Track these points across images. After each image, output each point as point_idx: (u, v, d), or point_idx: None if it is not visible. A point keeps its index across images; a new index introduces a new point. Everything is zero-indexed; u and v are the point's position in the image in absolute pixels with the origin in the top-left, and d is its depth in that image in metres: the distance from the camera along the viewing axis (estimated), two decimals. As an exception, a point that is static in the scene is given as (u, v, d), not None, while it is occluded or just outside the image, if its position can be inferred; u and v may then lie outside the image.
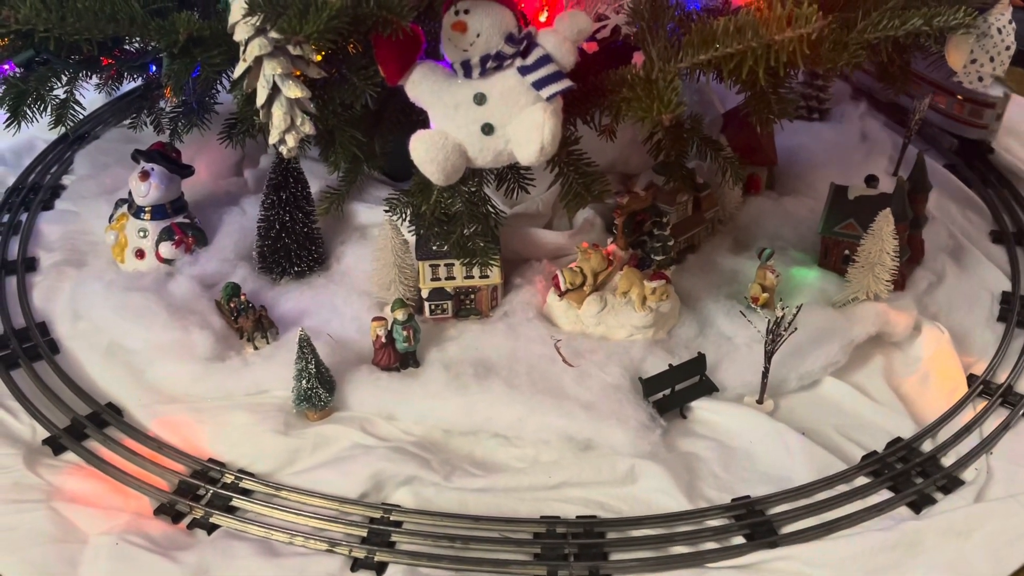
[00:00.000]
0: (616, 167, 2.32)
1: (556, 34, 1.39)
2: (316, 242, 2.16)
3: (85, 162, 2.59)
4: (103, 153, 2.61)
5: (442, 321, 2.05)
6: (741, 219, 2.35)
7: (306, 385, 1.80)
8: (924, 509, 1.65)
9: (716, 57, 1.32)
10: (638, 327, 1.97)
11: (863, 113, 2.78)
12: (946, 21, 1.37)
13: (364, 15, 1.26)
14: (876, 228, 1.98)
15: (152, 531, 1.62)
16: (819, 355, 1.91)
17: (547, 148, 1.37)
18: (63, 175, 2.58)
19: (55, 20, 1.31)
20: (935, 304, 2.10)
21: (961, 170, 2.61)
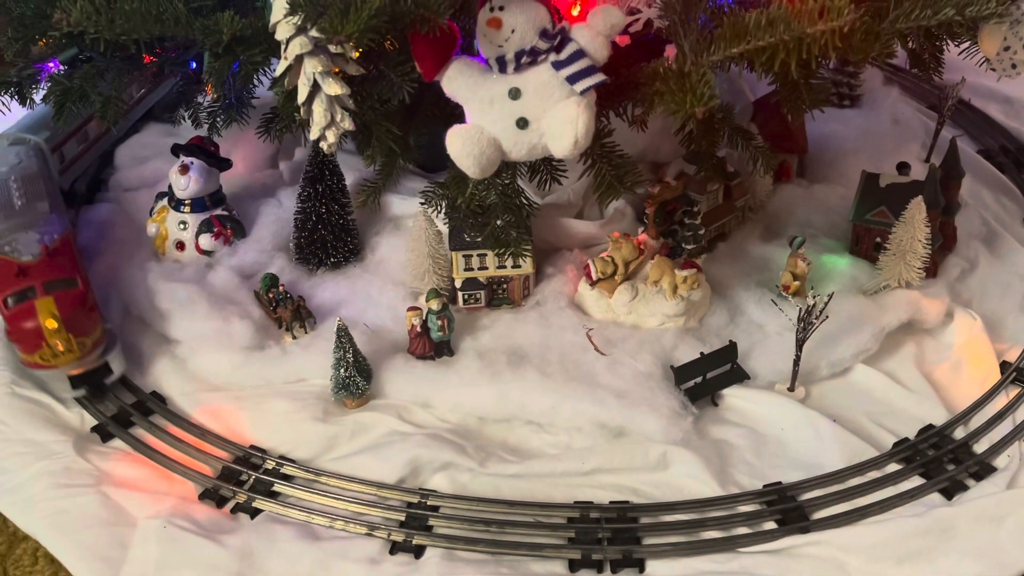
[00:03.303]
0: (647, 156, 2.34)
1: (589, 29, 1.41)
2: (352, 233, 2.20)
3: (125, 155, 2.65)
4: (144, 147, 2.66)
5: (475, 310, 2.08)
6: (772, 207, 2.36)
7: (344, 374, 1.84)
8: (956, 495, 1.67)
9: (748, 50, 1.33)
10: (669, 315, 1.99)
11: (895, 99, 2.77)
12: (979, 11, 1.37)
13: (402, 13, 1.29)
14: (908, 216, 1.98)
15: (197, 515, 1.67)
16: (850, 343, 1.93)
17: (581, 142, 1.39)
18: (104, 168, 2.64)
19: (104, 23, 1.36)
20: (967, 291, 2.10)
21: (995, 155, 2.59)
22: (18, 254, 1.88)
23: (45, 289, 1.83)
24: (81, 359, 1.84)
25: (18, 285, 1.84)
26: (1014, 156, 2.60)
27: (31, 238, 1.92)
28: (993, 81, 2.60)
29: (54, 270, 1.88)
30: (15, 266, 1.86)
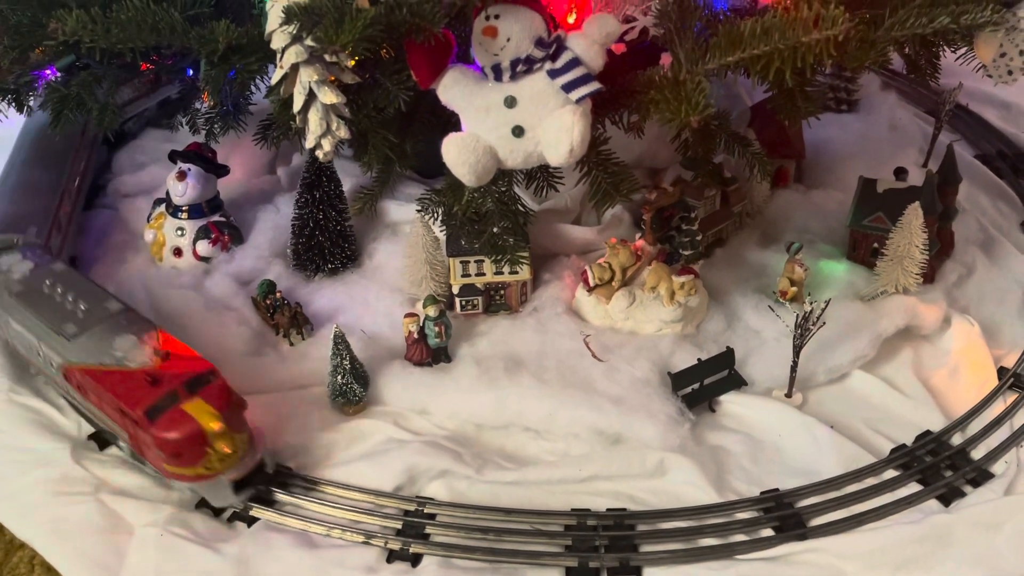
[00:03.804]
0: (644, 162, 2.34)
1: (585, 37, 1.41)
2: (349, 239, 2.20)
3: (124, 162, 2.65)
4: (141, 153, 2.67)
5: (472, 317, 2.08)
6: (769, 213, 2.36)
7: (341, 380, 1.84)
8: (953, 502, 1.66)
9: (743, 59, 1.33)
10: (666, 322, 1.99)
11: (892, 104, 2.77)
12: (974, 19, 1.37)
13: (397, 22, 1.29)
14: (905, 221, 1.98)
15: (195, 523, 1.67)
16: (848, 349, 1.92)
17: (577, 150, 1.39)
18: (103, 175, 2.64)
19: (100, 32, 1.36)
20: (965, 297, 2.10)
21: (992, 160, 2.59)
22: (130, 361, 1.64)
23: (188, 390, 1.61)
24: (243, 459, 1.66)
25: (156, 394, 1.59)
26: (1011, 161, 2.60)
27: (129, 341, 1.68)
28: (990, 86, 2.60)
29: (184, 366, 1.65)
30: (142, 375, 1.61)
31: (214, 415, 1.58)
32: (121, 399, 1.59)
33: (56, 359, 1.71)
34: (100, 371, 1.63)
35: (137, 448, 1.67)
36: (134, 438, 1.65)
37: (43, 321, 1.73)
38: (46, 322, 1.72)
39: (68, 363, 1.68)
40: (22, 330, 1.77)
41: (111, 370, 1.63)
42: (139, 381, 1.60)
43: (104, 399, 1.64)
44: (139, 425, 1.58)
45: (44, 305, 1.76)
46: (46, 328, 1.72)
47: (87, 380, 1.65)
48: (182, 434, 1.57)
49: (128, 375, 1.62)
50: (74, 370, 1.67)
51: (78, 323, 1.71)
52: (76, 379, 1.68)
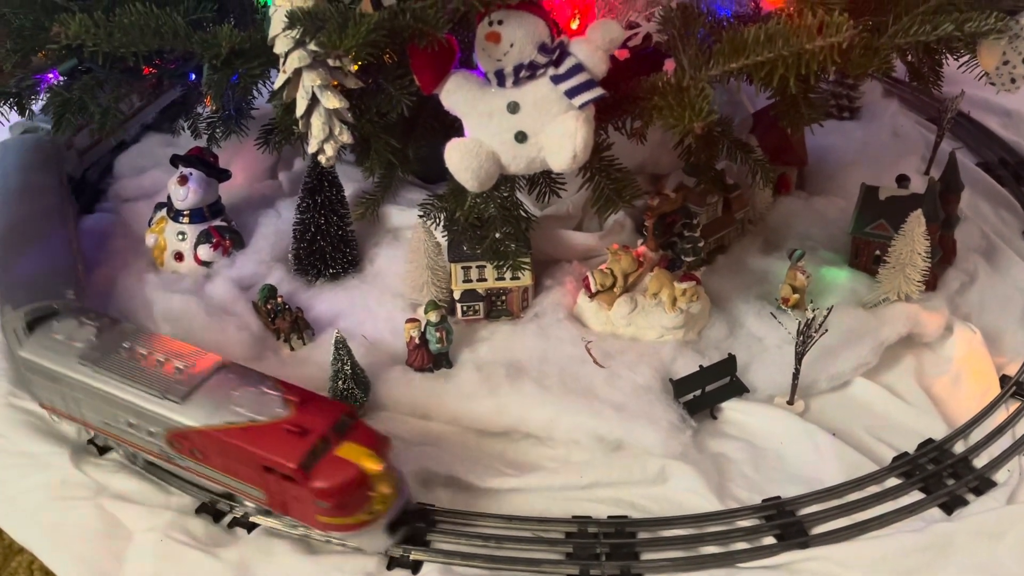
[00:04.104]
0: (646, 168, 2.34)
1: (588, 43, 1.41)
2: (350, 244, 2.20)
3: (125, 166, 2.65)
4: (143, 157, 2.66)
5: (474, 322, 2.08)
6: (771, 219, 2.35)
7: (342, 386, 1.84)
8: (956, 510, 1.66)
9: (747, 65, 1.33)
10: (668, 328, 1.99)
11: (894, 111, 2.77)
12: (978, 26, 1.37)
13: (400, 27, 1.29)
14: (907, 229, 1.98)
15: (194, 529, 1.66)
16: (850, 356, 1.92)
17: (579, 156, 1.39)
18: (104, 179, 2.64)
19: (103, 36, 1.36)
20: (967, 304, 2.10)
21: (994, 168, 2.59)
22: (261, 415, 1.53)
23: (337, 434, 1.52)
24: (399, 497, 1.58)
25: (306, 444, 1.48)
26: (1013, 169, 2.60)
27: (249, 395, 1.56)
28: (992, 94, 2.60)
29: (323, 410, 1.55)
30: (282, 427, 1.50)
31: (371, 455, 1.50)
32: (267, 456, 1.48)
33: (158, 426, 1.58)
34: (229, 430, 1.51)
35: (280, 506, 1.56)
36: (278, 495, 1.54)
37: (137, 387, 1.59)
38: (141, 388, 1.58)
39: (179, 428, 1.55)
40: (102, 403, 1.62)
41: (243, 427, 1.51)
42: (281, 434, 1.50)
43: (238, 459, 1.52)
44: (293, 480, 1.47)
45: (130, 370, 1.61)
46: (143, 394, 1.58)
47: (209, 442, 1.53)
48: (344, 481, 1.47)
49: (265, 429, 1.51)
50: (189, 434, 1.55)
51: (182, 383, 1.57)
52: (191, 443, 1.56)
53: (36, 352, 1.69)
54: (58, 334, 1.70)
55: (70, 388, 1.67)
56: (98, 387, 1.62)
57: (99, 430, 1.72)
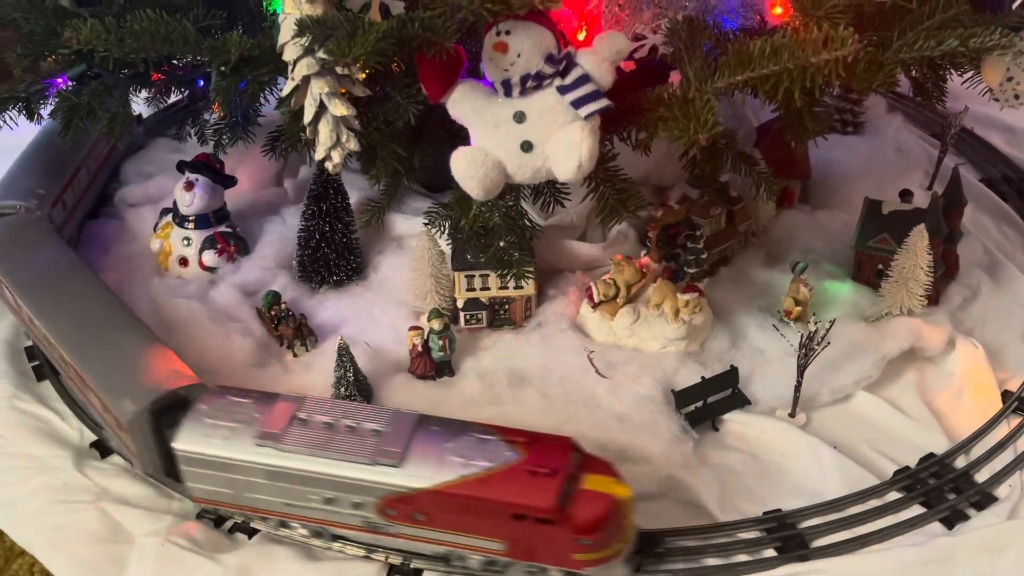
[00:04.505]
0: (650, 180, 2.34)
1: (595, 54, 1.42)
2: (355, 252, 2.21)
3: (131, 171, 2.66)
4: (149, 162, 2.68)
5: (476, 331, 2.08)
6: (774, 232, 2.36)
7: (344, 392, 1.84)
8: (957, 525, 1.66)
9: (752, 78, 1.34)
10: (671, 339, 1.99)
11: (898, 127, 2.78)
12: (982, 42, 1.38)
13: (409, 36, 1.30)
14: (910, 243, 1.98)
15: (195, 533, 1.67)
16: (852, 369, 1.92)
17: (585, 166, 1.40)
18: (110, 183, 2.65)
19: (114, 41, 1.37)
20: (969, 319, 2.10)
21: (997, 184, 2.60)
22: (500, 461, 1.45)
23: (576, 468, 1.47)
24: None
25: (555, 483, 1.42)
26: (1016, 185, 2.60)
27: (467, 443, 1.48)
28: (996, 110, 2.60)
29: (554, 446, 1.49)
30: (520, 471, 1.43)
31: (616, 482, 1.46)
32: (519, 502, 1.41)
33: (368, 496, 1.49)
34: (465, 484, 1.43)
35: (524, 553, 1.49)
36: (524, 542, 1.47)
37: (338, 458, 1.49)
38: (344, 458, 1.48)
39: (400, 492, 1.46)
40: (291, 483, 1.52)
41: (481, 478, 1.43)
42: (525, 477, 1.42)
43: (478, 512, 1.45)
44: (550, 522, 1.41)
45: (322, 441, 1.50)
46: (348, 464, 1.48)
47: (439, 502, 1.45)
48: (604, 513, 1.43)
49: (506, 476, 1.43)
50: (412, 497, 1.46)
51: (390, 445, 1.48)
52: (413, 507, 1.48)
53: (197, 442, 1.54)
54: (213, 419, 1.56)
55: (246, 473, 1.54)
56: (287, 466, 1.50)
57: (277, 514, 1.59)
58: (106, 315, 1.85)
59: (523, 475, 1.43)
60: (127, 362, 1.72)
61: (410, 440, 1.48)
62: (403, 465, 1.46)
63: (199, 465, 1.56)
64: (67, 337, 1.78)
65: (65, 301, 1.88)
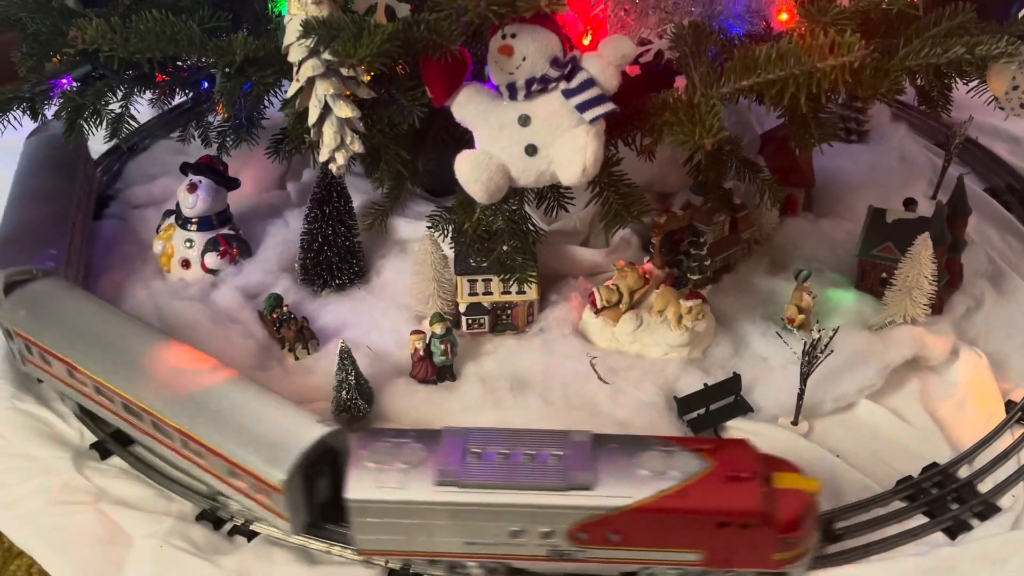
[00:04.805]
0: (654, 186, 2.34)
1: (600, 58, 1.42)
2: (357, 255, 2.20)
3: (134, 172, 2.66)
4: (153, 164, 2.68)
5: (479, 336, 2.08)
6: (778, 240, 2.35)
7: (346, 396, 1.84)
8: (960, 535, 1.65)
9: (758, 83, 1.34)
10: (673, 346, 1.98)
11: (902, 135, 2.78)
12: (988, 50, 1.38)
13: (414, 39, 1.30)
14: (914, 252, 1.97)
15: (194, 536, 1.66)
16: (855, 378, 1.91)
17: (589, 170, 1.40)
18: (113, 185, 2.65)
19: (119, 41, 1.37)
20: (973, 329, 2.09)
21: (1001, 194, 2.59)
22: (694, 471, 1.43)
23: (767, 467, 1.48)
24: None
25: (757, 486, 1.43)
26: (1021, 195, 2.59)
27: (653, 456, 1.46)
28: (1000, 120, 2.61)
29: (738, 449, 1.51)
30: (716, 478, 1.43)
31: (804, 478, 1.48)
32: (725, 509, 1.42)
33: (560, 523, 1.46)
34: (665, 498, 1.41)
35: (722, 561, 1.49)
36: (723, 550, 1.47)
37: (529, 488, 1.44)
38: (535, 487, 1.44)
39: (597, 515, 1.43)
40: (474, 521, 1.47)
41: (679, 491, 1.42)
42: (723, 484, 1.43)
43: (678, 526, 1.44)
44: (755, 526, 1.42)
45: (507, 473, 1.45)
46: (540, 493, 1.44)
47: (637, 519, 1.43)
48: (805, 509, 1.45)
49: (704, 485, 1.42)
50: (610, 518, 1.43)
51: (578, 468, 1.45)
52: (609, 527, 1.45)
53: (371, 490, 1.46)
54: (379, 463, 1.49)
55: (425, 516, 1.48)
56: (473, 502, 1.45)
57: (456, 555, 1.54)
58: (207, 375, 1.70)
59: (721, 482, 1.42)
60: (257, 420, 1.59)
61: (595, 461, 1.46)
62: (599, 486, 1.43)
63: (373, 514, 1.48)
64: (179, 407, 1.64)
65: (152, 367, 1.71)
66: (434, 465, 1.46)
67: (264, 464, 1.52)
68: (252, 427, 1.58)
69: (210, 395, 1.65)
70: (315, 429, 1.56)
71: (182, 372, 1.70)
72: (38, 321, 1.82)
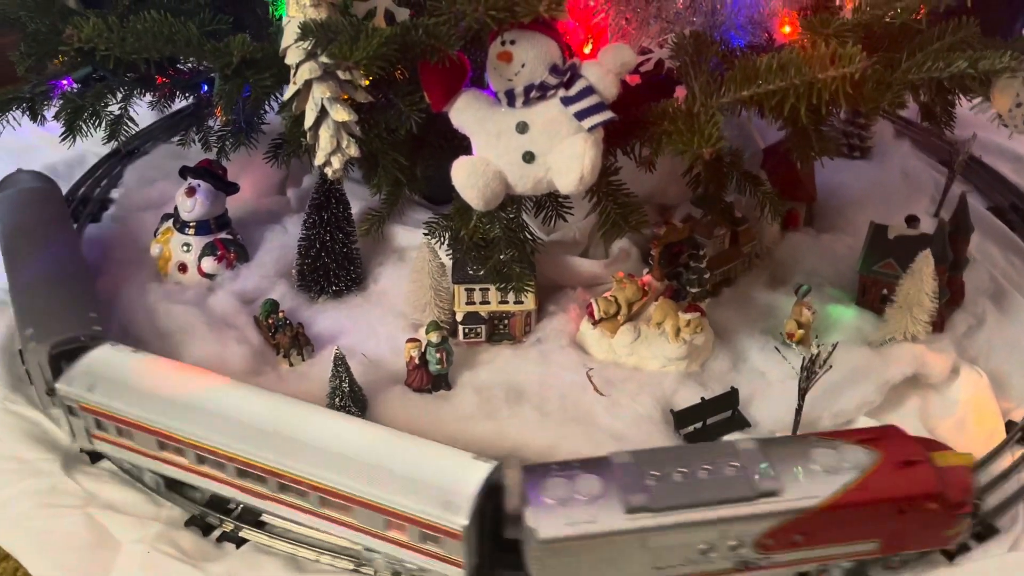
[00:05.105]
0: (655, 198, 2.33)
1: (600, 66, 1.41)
2: (355, 262, 2.19)
3: (133, 176, 2.66)
4: (152, 168, 2.67)
5: (475, 345, 2.06)
6: (779, 254, 2.34)
7: (339, 403, 1.82)
8: (958, 556, 1.62)
9: (758, 93, 1.32)
10: (671, 359, 1.97)
11: (906, 152, 2.77)
12: (991, 64, 1.37)
13: (412, 43, 1.29)
14: (915, 268, 1.96)
15: (182, 542, 1.64)
16: (854, 395, 1.89)
17: (587, 178, 1.38)
18: (112, 189, 2.64)
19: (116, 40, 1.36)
20: (974, 348, 2.07)
21: (1005, 213, 2.58)
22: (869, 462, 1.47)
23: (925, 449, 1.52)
24: None
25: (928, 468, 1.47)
26: None
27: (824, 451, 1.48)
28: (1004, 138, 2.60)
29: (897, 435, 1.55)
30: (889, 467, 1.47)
31: (959, 454, 1.54)
32: (910, 494, 1.45)
33: (750, 533, 1.45)
34: (849, 492, 1.43)
35: (896, 546, 1.52)
36: (899, 536, 1.49)
37: (721, 504, 1.43)
38: (726, 502, 1.43)
39: (787, 519, 1.43)
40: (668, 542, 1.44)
41: (861, 483, 1.44)
42: (897, 471, 1.46)
43: (862, 518, 1.46)
44: (933, 508, 1.46)
45: (694, 493, 1.43)
46: (732, 508, 1.43)
47: (823, 517, 1.44)
48: (970, 483, 1.51)
49: (881, 475, 1.45)
50: (800, 520, 1.43)
51: (760, 476, 1.44)
52: (796, 529, 1.45)
53: (560, 527, 1.41)
54: (557, 498, 1.45)
55: (616, 547, 1.44)
56: (667, 525, 1.42)
57: None
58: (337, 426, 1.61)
59: (896, 469, 1.46)
60: (412, 464, 1.51)
61: (771, 466, 1.46)
62: (784, 491, 1.44)
63: (562, 552, 1.43)
64: (319, 463, 1.53)
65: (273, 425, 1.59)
66: (619, 493, 1.43)
67: (440, 510, 1.44)
68: (410, 473, 1.49)
69: (352, 445, 1.55)
70: (479, 467, 1.50)
71: (308, 425, 1.60)
72: (114, 392, 1.66)
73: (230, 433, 1.59)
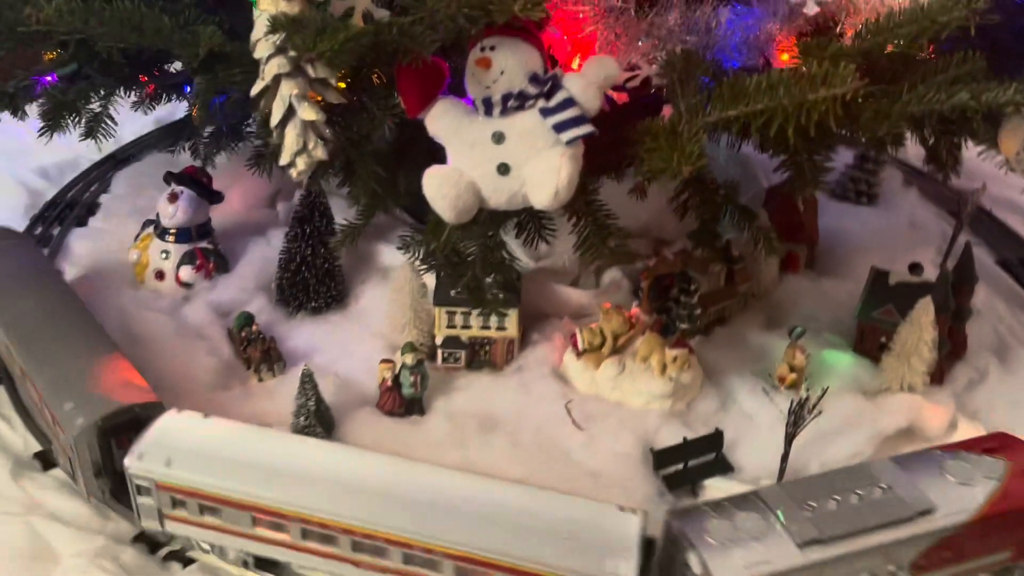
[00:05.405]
0: (650, 231, 2.26)
1: (582, 78, 1.35)
2: (336, 279, 2.13)
3: (122, 182, 2.62)
4: (141, 175, 2.64)
5: (454, 371, 1.99)
6: (776, 296, 2.26)
7: (304, 422, 1.75)
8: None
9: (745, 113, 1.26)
10: (656, 396, 1.88)
11: (914, 201, 2.70)
12: (995, 97, 1.30)
13: (386, 42, 1.24)
14: (915, 316, 1.88)
15: (126, 558, 1.56)
16: (844, 443, 1.80)
17: (562, 193, 1.32)
18: (101, 194, 2.61)
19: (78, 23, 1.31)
20: (974, 402, 1.97)
21: (1013, 267, 2.50)
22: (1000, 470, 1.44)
23: None
24: None
25: None
26: (1033, 269, 2.50)
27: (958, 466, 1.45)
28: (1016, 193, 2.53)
29: (1010, 442, 1.53)
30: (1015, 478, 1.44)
31: None
32: None
33: (910, 552, 1.40)
34: (992, 503, 1.40)
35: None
36: None
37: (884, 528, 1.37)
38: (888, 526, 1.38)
39: (944, 536, 1.39)
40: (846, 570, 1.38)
41: (1000, 493, 1.41)
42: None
43: (1007, 524, 1.43)
44: None
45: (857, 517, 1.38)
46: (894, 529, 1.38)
47: (973, 531, 1.40)
48: None
49: (1015, 483, 1.43)
50: (953, 539, 1.40)
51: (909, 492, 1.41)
52: (948, 546, 1.41)
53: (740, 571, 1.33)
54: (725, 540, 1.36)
55: None
56: (839, 556, 1.36)
57: None
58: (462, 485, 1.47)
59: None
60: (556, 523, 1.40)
61: (915, 484, 1.42)
62: (938, 508, 1.39)
63: None
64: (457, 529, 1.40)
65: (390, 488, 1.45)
66: (784, 529, 1.36)
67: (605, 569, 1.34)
68: (558, 531, 1.38)
69: (489, 505, 1.42)
70: (629, 519, 1.40)
71: (428, 486, 1.45)
72: (195, 467, 1.47)
73: (346, 504, 1.41)
